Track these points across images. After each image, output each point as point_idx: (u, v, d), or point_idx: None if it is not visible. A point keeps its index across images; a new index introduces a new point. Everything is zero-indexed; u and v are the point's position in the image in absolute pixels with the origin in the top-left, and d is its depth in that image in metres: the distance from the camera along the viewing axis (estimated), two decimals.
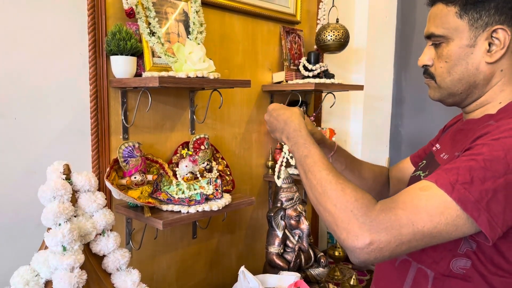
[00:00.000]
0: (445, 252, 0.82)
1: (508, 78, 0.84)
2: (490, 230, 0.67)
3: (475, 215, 0.67)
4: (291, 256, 1.58)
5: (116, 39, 1.18)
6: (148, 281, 1.42)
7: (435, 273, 0.83)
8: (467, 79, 0.86)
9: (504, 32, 0.81)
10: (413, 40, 2.24)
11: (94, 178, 1.08)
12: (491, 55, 0.82)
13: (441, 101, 0.93)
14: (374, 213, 0.69)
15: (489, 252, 0.77)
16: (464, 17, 0.83)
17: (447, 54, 0.87)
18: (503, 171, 0.67)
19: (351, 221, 0.70)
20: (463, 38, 0.84)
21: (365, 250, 0.68)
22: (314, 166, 0.82)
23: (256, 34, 1.72)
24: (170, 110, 1.45)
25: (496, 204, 0.67)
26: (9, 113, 1.12)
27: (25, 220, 1.16)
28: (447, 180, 0.69)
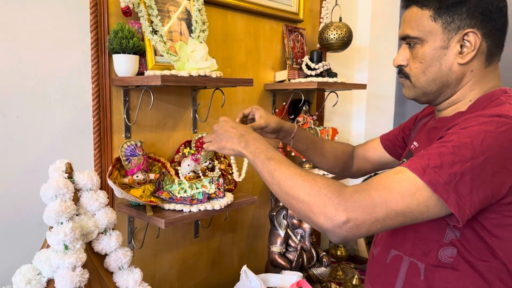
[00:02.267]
0: (432, 243, 0.86)
1: (478, 78, 0.89)
2: (459, 210, 0.72)
3: (445, 196, 0.71)
4: (293, 255, 1.57)
5: (118, 38, 1.18)
6: (150, 280, 1.42)
7: (426, 265, 0.87)
8: (441, 79, 0.91)
9: (474, 35, 0.85)
10: None
11: (96, 176, 1.08)
12: (463, 57, 0.87)
13: (415, 99, 0.97)
14: (348, 194, 0.74)
15: (472, 240, 0.81)
16: (438, 20, 0.88)
17: (422, 55, 0.91)
18: (469, 156, 0.72)
19: (327, 204, 0.74)
20: (437, 40, 0.89)
21: (343, 228, 0.73)
22: (281, 165, 0.85)
23: (258, 32, 1.72)
24: (172, 108, 1.44)
25: (463, 186, 0.71)
26: (11, 112, 1.12)
27: (27, 218, 1.16)
28: (419, 165, 0.74)
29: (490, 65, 0.90)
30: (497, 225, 0.79)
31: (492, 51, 0.88)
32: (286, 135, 1.20)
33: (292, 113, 1.85)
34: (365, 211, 0.72)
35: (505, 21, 0.88)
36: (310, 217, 0.76)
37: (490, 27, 0.86)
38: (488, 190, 0.73)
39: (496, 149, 0.73)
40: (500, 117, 0.76)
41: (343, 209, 0.72)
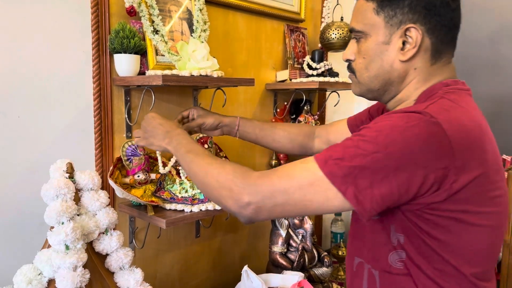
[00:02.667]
0: (380, 247, 0.84)
1: (423, 76, 0.85)
2: (357, 203, 0.71)
3: (343, 189, 0.71)
4: (295, 255, 1.57)
5: (119, 37, 1.17)
6: (151, 280, 1.41)
7: (379, 271, 0.85)
8: (383, 76, 0.87)
9: (416, 31, 0.81)
10: None
11: (97, 176, 1.08)
12: (404, 54, 0.83)
13: (362, 96, 0.94)
14: (252, 179, 0.79)
15: (416, 243, 0.79)
16: (381, 13, 0.84)
17: (365, 50, 0.87)
18: (371, 150, 0.71)
19: (232, 188, 0.79)
20: (379, 34, 0.84)
21: (247, 209, 0.77)
22: (197, 157, 0.91)
23: (260, 32, 1.71)
24: (174, 108, 1.44)
25: (363, 180, 0.70)
26: (12, 112, 1.12)
27: (28, 218, 1.16)
28: (323, 156, 0.75)
29: (438, 63, 0.84)
30: (433, 227, 0.76)
31: (439, 48, 0.83)
32: (230, 129, 1.26)
33: (294, 112, 1.85)
34: (265, 196, 0.76)
35: (454, 16, 0.82)
36: (220, 200, 0.82)
37: (434, 23, 0.81)
38: (392, 185, 0.70)
39: (400, 144, 0.70)
40: (414, 113, 0.73)
41: (246, 193, 0.77)
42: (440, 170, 0.70)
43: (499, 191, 0.78)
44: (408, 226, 0.78)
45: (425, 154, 0.70)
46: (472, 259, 0.78)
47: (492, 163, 0.77)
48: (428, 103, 0.76)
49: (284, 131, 1.28)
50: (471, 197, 0.74)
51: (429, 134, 0.70)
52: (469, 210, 0.75)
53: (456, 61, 0.89)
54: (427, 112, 0.72)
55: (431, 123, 0.70)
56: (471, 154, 0.72)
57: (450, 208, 0.74)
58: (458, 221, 0.75)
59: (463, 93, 0.82)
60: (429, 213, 0.75)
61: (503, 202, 0.80)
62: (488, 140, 0.78)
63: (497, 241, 0.82)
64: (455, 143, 0.70)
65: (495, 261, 0.86)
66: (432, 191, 0.72)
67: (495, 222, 0.78)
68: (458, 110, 0.76)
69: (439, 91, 0.81)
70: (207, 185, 0.86)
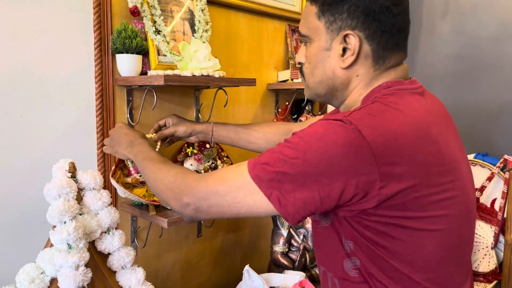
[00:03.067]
0: (335, 254, 0.83)
1: (366, 82, 0.83)
2: (280, 207, 0.72)
3: (268, 193, 0.73)
4: (296, 255, 1.57)
5: (121, 38, 1.18)
6: (152, 279, 1.42)
7: (338, 279, 0.84)
8: (327, 82, 0.85)
9: (353, 38, 0.79)
10: (419, 39, 2.23)
11: (100, 176, 1.08)
12: (344, 60, 0.81)
13: (313, 99, 0.95)
14: (190, 181, 0.84)
15: (366, 251, 0.77)
16: (322, 18, 0.82)
17: (309, 55, 0.87)
18: (292, 156, 0.72)
19: (174, 190, 0.85)
20: (321, 40, 0.83)
21: (187, 209, 0.83)
22: (151, 163, 0.98)
23: (261, 32, 1.72)
24: (175, 108, 1.45)
25: (286, 185, 0.71)
26: (15, 111, 1.12)
27: (31, 217, 1.16)
28: (254, 160, 0.76)
29: (381, 67, 0.82)
30: (375, 233, 0.75)
31: (381, 54, 0.81)
32: (204, 135, 1.29)
33: (295, 112, 1.85)
34: (200, 197, 0.81)
35: (396, 21, 0.79)
36: (166, 201, 0.89)
37: (374, 29, 0.78)
38: (313, 191, 0.71)
39: (318, 151, 0.70)
40: (335, 120, 0.72)
41: (185, 194, 0.83)
42: (362, 176, 0.69)
43: (449, 193, 0.75)
44: (353, 232, 0.77)
45: (343, 161, 0.69)
46: (423, 264, 0.76)
47: (436, 164, 0.74)
48: (354, 109, 0.76)
49: (259, 132, 1.28)
50: (408, 203, 0.72)
51: (346, 141, 0.69)
52: (408, 215, 0.73)
53: (458, 61, 0.88)
54: (348, 119, 0.71)
55: (349, 130, 0.70)
56: (399, 159, 0.70)
57: (386, 214, 0.73)
58: (398, 227, 0.74)
59: (405, 93, 0.79)
60: (367, 219, 0.74)
61: (455, 204, 0.76)
62: (431, 142, 0.75)
63: (456, 244, 0.79)
64: (376, 149, 0.69)
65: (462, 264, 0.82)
66: (359, 197, 0.71)
67: (446, 226, 0.76)
68: (389, 114, 0.74)
69: (377, 94, 0.79)
70: (156, 188, 0.93)
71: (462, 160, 0.82)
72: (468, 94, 1.97)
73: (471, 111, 1.96)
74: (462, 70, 1.98)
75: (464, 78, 1.98)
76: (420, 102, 0.80)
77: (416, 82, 0.85)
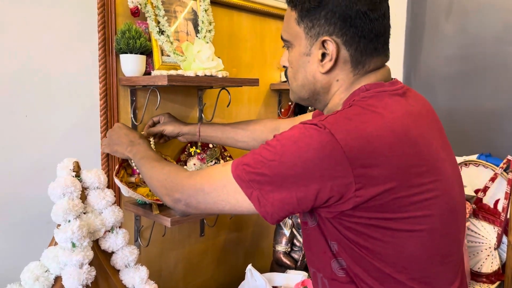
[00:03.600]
0: (321, 254, 0.84)
1: (345, 88, 0.84)
2: (260, 207, 0.75)
3: (248, 193, 0.75)
4: (299, 255, 1.58)
5: (125, 38, 1.18)
6: (155, 278, 1.42)
7: (328, 280, 0.85)
8: (308, 86, 0.87)
9: (331, 44, 0.80)
10: (423, 39, 2.23)
11: (104, 175, 1.09)
12: (323, 66, 0.82)
13: (298, 102, 0.97)
14: (181, 178, 0.89)
15: (350, 251, 0.78)
16: (301, 24, 0.83)
17: (291, 60, 0.88)
18: (269, 158, 0.74)
19: (167, 187, 0.90)
20: (301, 45, 0.84)
21: (178, 204, 0.88)
22: (147, 161, 1.03)
23: (264, 32, 1.72)
24: (179, 108, 1.45)
25: (265, 185, 0.74)
26: (20, 111, 1.13)
27: (35, 216, 1.17)
28: (237, 160, 0.79)
29: (361, 72, 0.83)
30: (356, 234, 0.76)
31: (359, 59, 0.81)
32: (191, 136, 1.32)
33: (298, 113, 1.85)
34: (189, 194, 0.85)
35: (374, 26, 0.79)
36: (161, 197, 0.93)
37: (351, 34, 0.79)
38: (290, 192, 0.72)
39: (293, 154, 0.72)
40: (311, 125, 0.74)
41: (176, 191, 0.88)
42: (337, 179, 0.70)
43: (430, 194, 0.75)
44: (336, 233, 0.78)
45: (317, 164, 0.70)
46: (407, 265, 0.76)
47: (414, 165, 0.74)
48: (331, 113, 0.77)
49: (246, 130, 1.30)
50: (387, 204, 0.72)
51: (320, 145, 0.70)
52: (387, 217, 0.73)
53: (461, 61, 0.88)
54: (322, 123, 0.72)
55: (323, 133, 0.71)
56: (375, 161, 0.71)
57: (364, 215, 0.73)
58: (379, 228, 0.74)
59: (384, 95, 0.80)
60: (347, 220, 0.75)
61: (437, 204, 0.76)
62: (410, 143, 0.75)
63: (441, 243, 0.79)
64: (350, 152, 0.70)
65: (450, 263, 0.82)
66: (335, 200, 0.72)
67: (428, 226, 0.76)
68: (365, 117, 0.75)
69: (355, 97, 0.80)
70: (151, 185, 0.98)
71: (445, 160, 0.82)
72: (472, 94, 1.97)
73: (474, 112, 1.95)
74: (466, 70, 1.98)
75: (468, 79, 1.98)
76: (400, 103, 0.80)
77: (397, 83, 0.85)
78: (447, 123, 1.09)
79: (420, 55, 2.29)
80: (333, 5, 0.79)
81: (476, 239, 1.68)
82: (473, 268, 1.66)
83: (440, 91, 2.08)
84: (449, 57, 2.03)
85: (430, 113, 0.88)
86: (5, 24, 1.09)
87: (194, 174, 0.88)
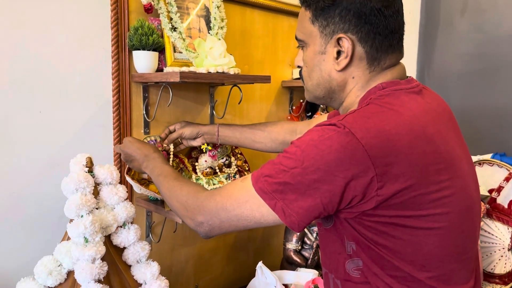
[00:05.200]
0: (335, 255, 0.84)
1: (361, 85, 0.84)
2: (285, 217, 0.74)
3: (272, 204, 0.74)
4: (309, 253, 1.57)
5: (138, 34, 1.19)
6: (166, 273, 1.43)
7: (340, 281, 0.85)
8: (324, 85, 0.87)
9: (346, 41, 0.80)
10: (437, 36, 2.20)
11: (116, 171, 1.10)
12: (338, 63, 0.82)
13: (313, 102, 0.96)
14: (201, 199, 0.86)
15: (368, 251, 0.78)
16: (316, 23, 0.83)
17: (306, 59, 0.88)
18: (291, 165, 0.73)
19: (188, 209, 0.88)
20: (316, 44, 0.84)
21: (202, 227, 0.85)
22: (165, 179, 1.00)
23: (276, 29, 1.71)
24: (190, 105, 1.46)
25: (289, 195, 0.73)
26: (34, 107, 1.15)
27: (49, 211, 1.19)
28: (257, 173, 0.78)
29: (377, 69, 0.83)
30: (376, 233, 0.76)
31: (375, 56, 0.81)
32: (210, 136, 1.32)
33: (310, 110, 1.84)
34: (211, 214, 0.83)
35: (389, 23, 0.80)
36: (182, 218, 0.91)
37: (366, 31, 0.79)
38: (315, 197, 0.72)
39: (315, 158, 0.71)
40: (329, 125, 0.73)
41: (197, 213, 0.85)
42: (360, 179, 0.70)
43: (447, 191, 0.75)
44: (355, 233, 0.78)
45: (340, 165, 0.70)
46: (425, 263, 0.76)
47: (432, 163, 0.74)
48: (349, 112, 0.77)
49: (263, 131, 1.30)
50: (407, 202, 0.72)
51: (341, 145, 0.70)
52: (407, 214, 0.73)
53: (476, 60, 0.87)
54: (341, 123, 0.72)
55: (343, 133, 0.71)
56: (395, 159, 0.71)
57: (385, 214, 0.73)
58: (398, 226, 0.74)
59: (401, 93, 0.80)
60: (368, 220, 0.75)
61: (454, 201, 0.76)
62: (428, 141, 0.75)
63: (458, 241, 0.79)
64: (371, 151, 0.69)
65: (466, 261, 0.82)
66: (358, 199, 0.72)
67: (446, 224, 0.76)
68: (383, 115, 0.74)
69: (372, 96, 0.80)
70: (171, 206, 0.96)
71: (462, 158, 0.82)
72: (487, 93, 1.94)
73: (489, 111, 1.92)
74: (481, 69, 1.95)
75: (483, 78, 1.94)
76: (417, 101, 0.80)
77: (413, 81, 0.85)
78: (461, 122, 1.07)
79: (434, 53, 2.26)
80: (347, 3, 0.79)
81: (490, 240, 1.65)
82: (486, 269, 1.64)
83: (454, 89, 2.05)
84: (464, 55, 2.00)
85: (446, 111, 0.88)
86: (20, 21, 1.10)
87: (214, 193, 0.86)
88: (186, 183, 0.97)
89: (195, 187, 0.93)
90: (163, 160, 1.09)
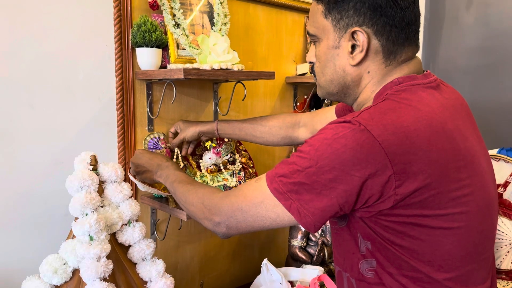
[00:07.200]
0: (349, 254, 0.83)
1: (378, 79, 0.81)
2: (301, 218, 0.72)
3: (287, 205, 0.73)
4: (314, 249, 1.57)
5: (141, 31, 1.18)
6: (172, 271, 1.43)
7: (355, 280, 0.83)
8: (338, 80, 0.84)
9: (361, 34, 0.78)
10: (442, 31, 2.18)
11: (121, 169, 1.09)
12: (353, 58, 0.80)
13: (326, 98, 0.94)
14: (216, 200, 0.86)
15: (383, 251, 0.76)
16: (329, 17, 0.81)
17: (319, 54, 0.86)
18: (306, 165, 0.71)
19: (204, 211, 0.87)
20: (329, 38, 0.82)
21: (219, 228, 0.84)
22: (179, 185, 1.00)
23: (280, 25, 1.70)
24: (194, 102, 1.45)
25: (303, 195, 0.72)
26: (38, 104, 1.14)
27: (53, 209, 1.19)
28: (271, 173, 0.77)
29: (393, 63, 0.80)
30: (393, 233, 0.74)
31: (391, 49, 0.79)
32: (211, 134, 1.33)
33: (314, 106, 1.83)
34: (227, 215, 0.82)
35: (405, 15, 0.77)
36: (200, 221, 0.91)
37: (382, 24, 0.77)
38: (331, 197, 0.70)
39: (330, 157, 0.69)
40: (343, 123, 0.71)
41: (214, 214, 0.85)
42: (377, 178, 0.68)
43: (466, 190, 0.73)
44: (370, 233, 0.76)
45: (357, 164, 0.68)
46: (443, 263, 0.74)
47: (452, 160, 0.72)
48: (364, 109, 0.74)
49: (264, 126, 1.30)
50: (426, 201, 0.70)
51: (357, 143, 0.68)
52: (426, 214, 0.71)
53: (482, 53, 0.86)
54: (356, 120, 0.70)
55: (358, 131, 0.69)
56: (413, 157, 0.68)
57: (403, 213, 0.71)
58: (416, 226, 0.72)
59: (418, 88, 0.77)
60: (384, 219, 0.73)
61: (474, 200, 0.74)
62: (446, 137, 0.73)
63: (477, 241, 0.77)
64: (389, 148, 0.67)
65: (484, 261, 0.80)
66: (375, 199, 0.70)
67: (465, 223, 0.74)
68: (401, 111, 0.72)
69: (388, 91, 0.78)
70: (188, 210, 0.95)
71: (480, 155, 0.80)
72: (492, 87, 1.92)
73: (495, 105, 1.91)
74: (487, 63, 1.93)
75: (488, 72, 1.93)
76: (434, 96, 0.78)
77: (430, 75, 0.83)
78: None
79: (439, 47, 2.24)
80: None
81: (496, 235, 1.64)
82: None
83: (460, 83, 2.03)
84: (469, 49, 1.98)
85: (463, 106, 0.85)
86: (22, 18, 1.10)
87: (229, 194, 0.85)
88: (201, 186, 0.96)
89: (209, 189, 0.92)
90: (176, 168, 1.10)
